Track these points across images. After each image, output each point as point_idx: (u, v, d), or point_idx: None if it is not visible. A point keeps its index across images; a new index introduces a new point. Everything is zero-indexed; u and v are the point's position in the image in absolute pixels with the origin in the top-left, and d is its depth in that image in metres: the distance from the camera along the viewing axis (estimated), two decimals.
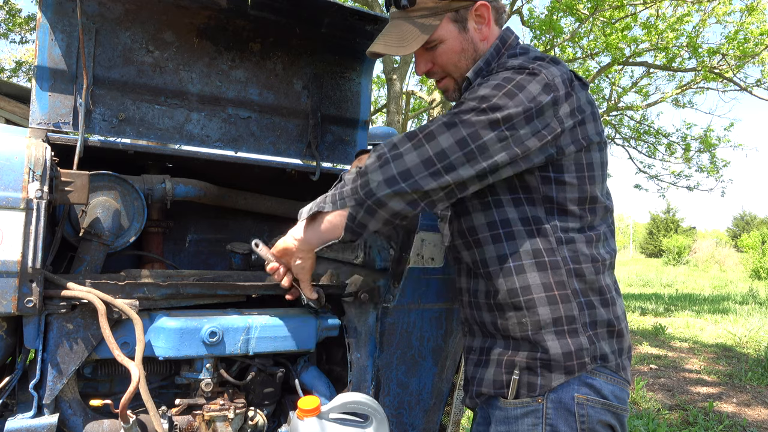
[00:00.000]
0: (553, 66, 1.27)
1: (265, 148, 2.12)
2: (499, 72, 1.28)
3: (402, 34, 1.37)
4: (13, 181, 1.30)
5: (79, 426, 1.44)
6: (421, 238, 1.65)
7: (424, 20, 1.35)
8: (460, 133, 1.19)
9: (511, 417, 1.30)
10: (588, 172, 1.30)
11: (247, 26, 2.00)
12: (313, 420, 1.41)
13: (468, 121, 1.19)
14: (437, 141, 1.19)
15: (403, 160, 1.20)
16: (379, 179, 1.21)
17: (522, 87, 1.21)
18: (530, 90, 1.21)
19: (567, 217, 1.29)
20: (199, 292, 1.56)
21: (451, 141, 1.18)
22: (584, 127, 1.29)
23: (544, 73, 1.23)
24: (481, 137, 1.18)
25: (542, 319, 1.26)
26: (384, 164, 1.21)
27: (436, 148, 1.19)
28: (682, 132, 14.18)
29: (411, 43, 1.35)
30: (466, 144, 1.18)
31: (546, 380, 1.26)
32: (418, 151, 1.20)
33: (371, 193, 1.22)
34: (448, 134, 1.19)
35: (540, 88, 1.21)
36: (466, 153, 1.18)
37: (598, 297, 1.30)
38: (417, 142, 1.20)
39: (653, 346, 7.11)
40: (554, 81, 1.23)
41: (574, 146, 1.27)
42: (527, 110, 1.19)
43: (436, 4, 1.34)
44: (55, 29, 1.72)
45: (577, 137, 1.27)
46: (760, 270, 21.28)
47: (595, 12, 9.95)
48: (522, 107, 1.19)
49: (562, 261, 1.27)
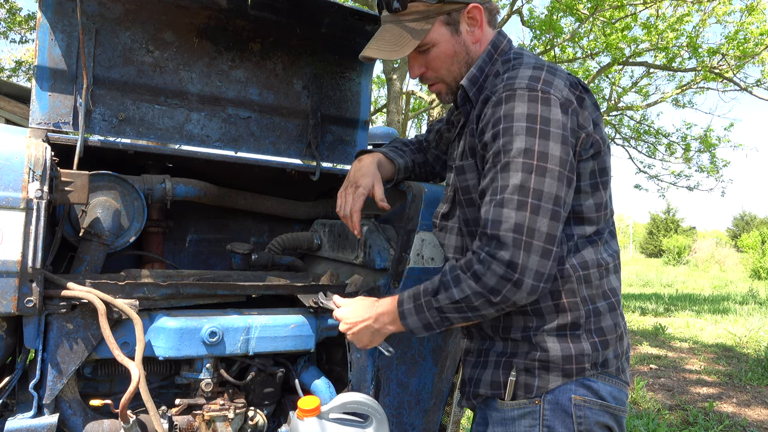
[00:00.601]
0: (555, 77, 1.26)
1: (265, 148, 2.12)
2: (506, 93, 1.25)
3: (394, 38, 1.36)
4: (13, 181, 1.30)
5: (79, 426, 1.44)
6: (421, 238, 1.65)
7: (416, 24, 1.35)
8: (546, 209, 1.17)
9: (508, 418, 1.30)
10: (601, 178, 1.31)
11: (247, 26, 2.00)
12: (313, 420, 1.41)
13: (538, 191, 1.17)
14: (539, 231, 1.16)
15: (530, 269, 1.16)
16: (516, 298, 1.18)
17: (548, 120, 1.20)
18: (555, 119, 1.21)
19: (583, 226, 1.30)
20: (199, 292, 1.56)
21: (546, 222, 1.17)
22: (598, 128, 1.30)
23: (553, 93, 1.23)
24: (556, 193, 1.18)
25: (548, 325, 1.27)
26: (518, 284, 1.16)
27: (541, 239, 1.16)
28: (682, 132, 14.18)
29: (403, 47, 1.35)
30: (547, 212, 1.17)
31: (543, 382, 1.26)
32: (535, 252, 1.16)
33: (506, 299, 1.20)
34: (543, 219, 1.16)
35: (560, 111, 1.22)
36: (551, 215, 1.17)
37: (604, 302, 1.30)
38: (526, 246, 1.16)
39: (653, 346, 7.11)
40: (565, 95, 1.24)
41: (593, 149, 1.28)
42: (564, 139, 1.20)
43: (428, 7, 1.34)
44: (55, 29, 1.72)
45: (595, 140, 1.28)
46: (760, 270, 21.27)
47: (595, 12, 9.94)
48: (560, 141, 1.20)
49: (572, 269, 1.27)
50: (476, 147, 1.32)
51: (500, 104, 1.24)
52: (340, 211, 1.56)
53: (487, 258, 1.17)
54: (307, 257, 2.23)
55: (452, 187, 1.45)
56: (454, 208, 1.46)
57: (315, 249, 2.12)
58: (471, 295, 1.20)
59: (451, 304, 1.23)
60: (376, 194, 1.55)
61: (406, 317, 1.31)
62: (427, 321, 1.28)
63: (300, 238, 2.11)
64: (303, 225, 2.38)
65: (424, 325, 1.29)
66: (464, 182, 1.39)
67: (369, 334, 1.40)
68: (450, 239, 1.48)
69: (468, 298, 1.21)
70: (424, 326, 1.30)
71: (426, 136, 1.77)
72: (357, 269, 1.83)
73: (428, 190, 1.65)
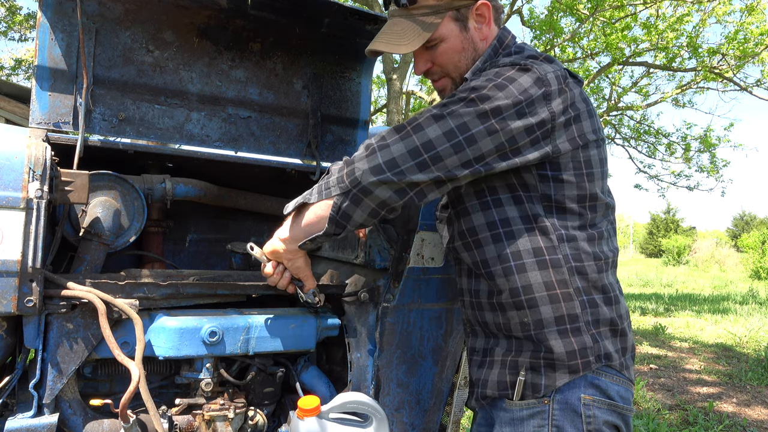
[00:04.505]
0: (546, 63, 1.27)
1: (265, 148, 2.12)
2: (491, 68, 1.28)
3: (402, 32, 1.36)
4: (13, 180, 1.30)
5: (79, 426, 1.44)
6: (421, 238, 1.65)
7: (425, 18, 1.35)
8: (448, 125, 1.19)
9: (516, 419, 1.29)
10: (586, 170, 1.30)
11: (247, 26, 2.00)
12: (313, 420, 1.41)
13: (456, 112, 1.19)
14: (424, 132, 1.20)
15: (390, 150, 1.20)
16: (365, 168, 1.21)
17: (512, 80, 1.21)
18: (521, 83, 1.21)
19: (566, 216, 1.29)
20: (199, 292, 1.56)
21: (438, 132, 1.19)
22: (580, 124, 1.28)
23: (536, 68, 1.23)
24: (469, 129, 1.19)
25: (544, 317, 1.26)
26: (371, 154, 1.22)
27: (422, 138, 1.19)
28: (682, 132, 14.18)
29: (412, 41, 1.35)
30: (454, 135, 1.19)
31: (550, 380, 1.25)
32: (405, 141, 1.20)
33: (356, 182, 1.22)
34: (435, 126, 1.19)
35: (531, 81, 1.22)
36: (453, 144, 1.19)
37: (601, 295, 1.29)
38: (404, 134, 1.21)
39: (653, 346, 7.11)
40: (546, 76, 1.23)
41: (570, 144, 1.26)
42: (517, 102, 1.19)
43: (438, 2, 1.34)
44: (55, 29, 1.72)
45: (573, 135, 1.27)
46: (760, 270, 21.28)
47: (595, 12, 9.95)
48: (512, 99, 1.19)
49: (564, 259, 1.27)
50: None
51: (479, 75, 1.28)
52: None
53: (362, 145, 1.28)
54: None
55: None
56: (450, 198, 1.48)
57: (315, 249, 2.12)
58: (335, 167, 1.30)
59: (322, 179, 1.31)
60: None
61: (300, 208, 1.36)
62: (320, 190, 1.31)
63: None
64: None
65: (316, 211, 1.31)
66: None
67: (282, 253, 1.43)
68: (446, 230, 1.50)
69: (334, 170, 1.30)
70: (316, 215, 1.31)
71: None
72: (357, 269, 1.83)
73: None
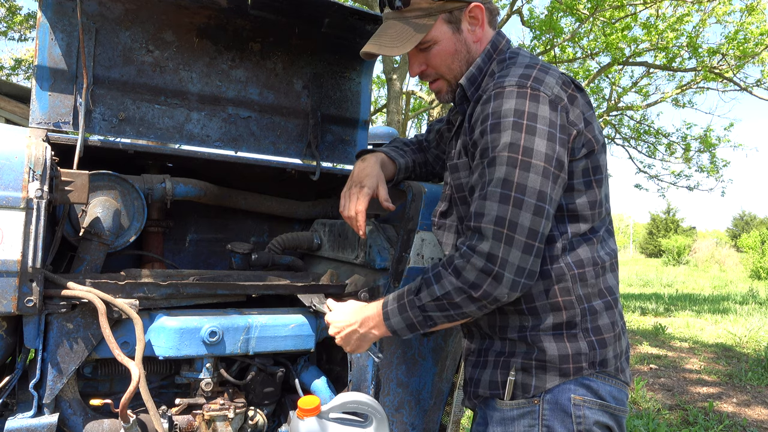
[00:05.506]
0: (546, 75, 1.27)
1: (265, 148, 2.12)
2: (495, 91, 1.25)
3: (396, 34, 1.37)
4: (13, 180, 1.30)
5: (79, 425, 1.44)
6: (421, 238, 1.65)
7: (418, 20, 1.35)
8: (529, 204, 1.16)
9: (507, 418, 1.30)
10: (595, 176, 1.30)
11: (247, 26, 2.00)
12: (313, 420, 1.41)
13: (521, 185, 1.17)
14: (520, 225, 1.16)
15: (511, 263, 1.16)
16: (507, 291, 1.17)
17: (535, 116, 1.20)
18: (543, 115, 1.20)
19: (579, 224, 1.29)
20: (199, 292, 1.56)
21: (528, 215, 1.16)
22: (590, 127, 1.30)
23: (543, 91, 1.23)
24: (540, 188, 1.17)
25: (543, 324, 1.26)
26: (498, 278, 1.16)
27: (523, 233, 1.16)
28: (682, 132, 14.17)
29: (405, 44, 1.35)
30: (538, 210, 1.17)
31: (540, 381, 1.26)
32: (516, 246, 1.16)
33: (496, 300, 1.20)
34: (525, 213, 1.16)
35: (548, 108, 1.21)
36: (537, 210, 1.17)
37: (600, 301, 1.30)
38: (507, 238, 1.16)
39: (653, 346, 7.11)
40: (555, 93, 1.24)
41: (585, 148, 1.27)
42: (551, 136, 1.20)
43: (431, 4, 1.34)
44: (55, 29, 1.72)
45: (588, 138, 1.28)
46: (760, 270, 21.27)
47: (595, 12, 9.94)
48: (546, 137, 1.19)
49: (566, 267, 1.27)
50: (468, 145, 1.33)
51: (489, 102, 1.25)
52: (344, 211, 1.55)
53: (467, 251, 1.18)
54: (307, 257, 2.23)
55: (449, 186, 1.45)
56: (451, 207, 1.47)
57: (315, 249, 2.12)
58: (452, 291, 1.20)
59: (433, 301, 1.23)
60: (380, 195, 1.55)
61: (389, 317, 1.31)
62: (410, 321, 1.28)
63: (300, 237, 2.11)
64: (303, 225, 2.38)
65: (408, 325, 1.29)
66: (458, 180, 1.40)
67: (355, 339, 1.40)
68: (448, 237, 1.49)
69: (449, 294, 1.20)
70: (407, 326, 1.29)
71: (426, 136, 1.78)
72: (357, 269, 1.83)
73: (428, 189, 1.65)
